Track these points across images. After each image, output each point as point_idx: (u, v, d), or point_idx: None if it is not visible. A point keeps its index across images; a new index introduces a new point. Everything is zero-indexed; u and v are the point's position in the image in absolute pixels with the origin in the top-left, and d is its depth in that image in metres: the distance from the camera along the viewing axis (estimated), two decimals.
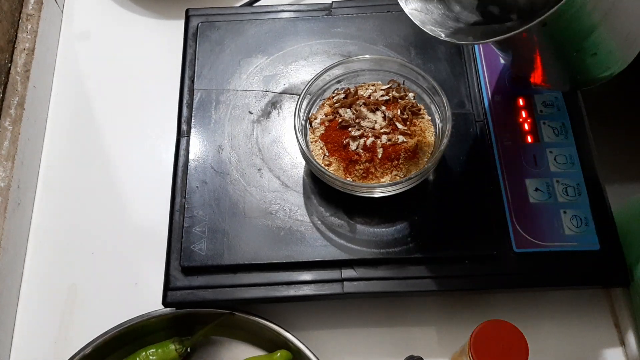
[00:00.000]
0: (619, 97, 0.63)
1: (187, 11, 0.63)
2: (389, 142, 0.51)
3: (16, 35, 0.63)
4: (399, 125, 0.52)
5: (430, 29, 0.44)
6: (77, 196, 0.60)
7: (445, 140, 0.49)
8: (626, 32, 0.44)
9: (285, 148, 0.56)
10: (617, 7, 0.42)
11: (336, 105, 0.54)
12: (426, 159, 0.52)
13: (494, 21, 0.47)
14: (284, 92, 0.58)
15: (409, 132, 0.52)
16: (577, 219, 0.52)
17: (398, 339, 0.53)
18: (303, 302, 0.53)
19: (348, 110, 0.53)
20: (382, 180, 0.51)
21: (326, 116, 0.54)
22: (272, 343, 0.51)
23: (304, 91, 0.52)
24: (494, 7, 0.48)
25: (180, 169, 0.55)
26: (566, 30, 0.42)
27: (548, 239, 0.51)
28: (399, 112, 0.53)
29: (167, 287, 0.50)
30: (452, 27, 0.45)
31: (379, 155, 0.51)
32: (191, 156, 0.55)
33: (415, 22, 0.45)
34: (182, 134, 0.57)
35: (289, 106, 0.58)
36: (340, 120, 0.53)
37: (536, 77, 0.53)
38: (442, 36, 0.43)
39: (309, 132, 0.54)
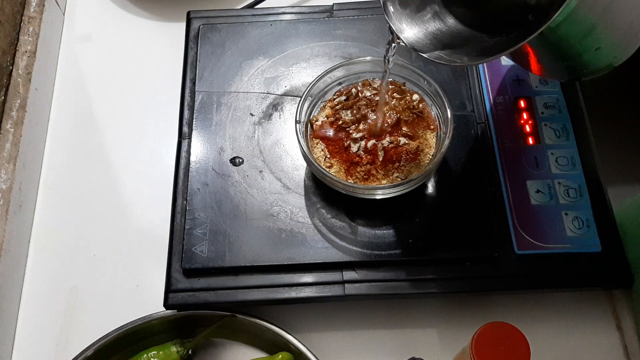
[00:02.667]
0: (620, 99, 0.63)
1: (188, 13, 0.63)
2: (391, 144, 0.51)
3: (18, 38, 0.63)
4: (401, 127, 0.52)
5: (432, 55, 0.44)
6: (78, 198, 0.60)
7: (446, 142, 0.49)
8: (629, 23, 0.43)
9: (287, 150, 0.56)
10: (616, 1, 0.41)
11: (337, 107, 0.54)
12: (427, 161, 0.52)
13: (487, 28, 0.47)
14: (285, 94, 0.59)
15: (410, 134, 0.52)
16: (579, 220, 0.51)
17: (400, 341, 0.52)
18: (304, 304, 0.53)
19: (349, 112, 0.53)
20: (383, 182, 0.51)
21: (327, 118, 0.54)
22: (273, 345, 0.51)
23: (305, 93, 0.52)
24: (489, 17, 0.48)
25: (181, 171, 0.55)
26: (565, 35, 0.42)
27: (549, 240, 0.51)
28: (400, 115, 0.53)
29: (169, 289, 0.50)
30: (449, 44, 0.45)
31: (380, 157, 0.51)
32: (192, 158, 0.55)
33: (412, 47, 0.45)
34: (183, 136, 0.57)
35: (290, 108, 0.58)
36: (341, 122, 0.53)
37: (537, 70, 0.53)
38: (444, 59, 0.43)
39: (310, 134, 0.54)
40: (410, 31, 0.46)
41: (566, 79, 0.57)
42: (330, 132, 0.53)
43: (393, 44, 0.47)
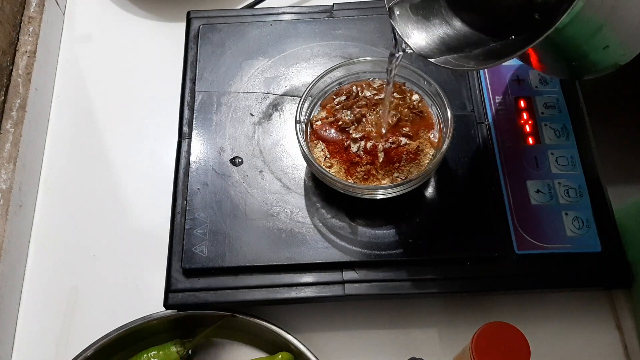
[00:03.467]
0: (620, 99, 0.63)
1: (188, 13, 0.63)
2: (391, 145, 0.51)
3: (18, 38, 0.63)
4: (401, 127, 0.52)
5: (442, 60, 0.43)
6: (78, 198, 0.60)
7: (446, 142, 0.49)
8: (637, 21, 0.43)
9: (287, 150, 0.56)
10: (623, 0, 0.41)
11: (337, 107, 0.54)
12: (427, 161, 0.52)
13: (494, 32, 0.47)
14: (285, 94, 0.59)
15: (410, 134, 0.52)
16: (579, 220, 0.52)
17: (400, 341, 0.52)
18: (304, 304, 0.53)
19: (349, 112, 0.53)
20: (383, 182, 0.51)
21: (327, 118, 0.54)
22: (273, 345, 0.51)
23: (305, 93, 0.52)
24: (495, 20, 0.47)
25: (181, 171, 0.55)
26: (572, 35, 0.42)
27: (549, 240, 0.51)
28: (400, 115, 0.53)
29: (169, 289, 0.50)
30: (457, 48, 0.45)
31: (381, 159, 0.51)
32: (192, 158, 0.55)
33: (421, 54, 0.44)
34: (183, 136, 0.57)
35: (290, 108, 0.58)
36: (341, 122, 0.53)
37: (542, 69, 0.52)
38: (451, 63, 0.43)
39: (310, 134, 0.54)
40: (417, 36, 0.46)
41: (571, 77, 0.56)
42: (330, 132, 0.53)
43: (399, 53, 0.46)
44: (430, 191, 0.53)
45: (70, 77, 0.67)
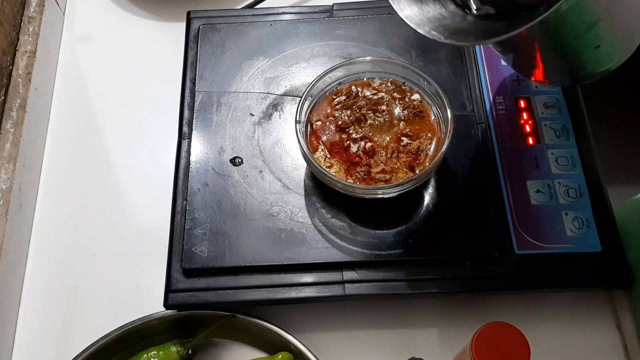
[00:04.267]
0: (620, 99, 0.63)
1: (188, 13, 0.63)
2: (391, 145, 0.51)
3: (18, 38, 0.63)
4: (401, 127, 0.52)
5: (427, 31, 0.43)
6: (78, 198, 0.60)
7: (446, 142, 0.49)
8: (629, 22, 0.43)
9: (287, 150, 0.56)
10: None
11: (337, 107, 0.54)
12: (427, 161, 0.52)
13: (490, 17, 0.47)
14: (285, 94, 0.59)
15: (410, 133, 0.52)
16: (579, 220, 0.52)
17: (400, 341, 0.52)
18: (304, 304, 0.53)
19: (349, 112, 0.53)
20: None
21: (327, 118, 0.54)
22: (273, 345, 0.51)
23: (305, 93, 0.52)
24: (489, 4, 0.47)
25: (181, 171, 0.55)
26: (567, 27, 0.42)
27: (549, 240, 0.51)
28: (400, 114, 0.53)
29: (169, 289, 0.50)
30: (450, 27, 0.45)
31: (381, 161, 0.51)
32: (192, 158, 0.55)
33: (411, 25, 0.44)
34: (183, 136, 0.57)
35: (290, 108, 0.58)
36: (341, 122, 0.53)
37: (537, 74, 0.53)
38: (442, 38, 0.43)
39: (310, 134, 0.54)
40: (410, 11, 0.45)
41: (563, 83, 0.57)
42: (330, 132, 0.53)
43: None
44: (430, 191, 0.53)
45: (70, 77, 0.67)
